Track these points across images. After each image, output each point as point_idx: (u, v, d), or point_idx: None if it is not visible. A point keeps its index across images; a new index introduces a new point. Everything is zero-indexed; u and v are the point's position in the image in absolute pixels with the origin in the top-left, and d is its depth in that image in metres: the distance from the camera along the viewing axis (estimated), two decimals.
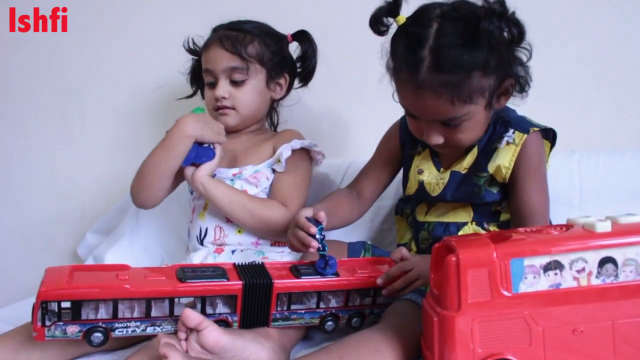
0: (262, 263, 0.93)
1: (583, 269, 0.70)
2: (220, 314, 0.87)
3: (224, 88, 1.19)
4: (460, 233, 1.03)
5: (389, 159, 1.15)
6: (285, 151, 1.16)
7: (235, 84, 1.20)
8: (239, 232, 1.16)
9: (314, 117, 1.45)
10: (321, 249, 0.91)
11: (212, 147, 1.13)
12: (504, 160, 0.98)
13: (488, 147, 1.01)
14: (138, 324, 0.84)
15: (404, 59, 0.89)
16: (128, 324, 0.84)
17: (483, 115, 0.94)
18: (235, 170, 1.19)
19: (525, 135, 0.98)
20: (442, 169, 1.05)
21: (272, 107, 1.31)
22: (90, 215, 1.54)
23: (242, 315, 0.88)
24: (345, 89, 1.44)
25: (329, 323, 0.94)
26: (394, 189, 1.28)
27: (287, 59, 1.26)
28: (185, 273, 0.87)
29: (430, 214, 1.08)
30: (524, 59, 0.93)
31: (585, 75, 1.34)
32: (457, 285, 0.69)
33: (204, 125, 1.11)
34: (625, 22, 1.34)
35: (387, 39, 0.95)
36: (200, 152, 1.12)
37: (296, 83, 1.30)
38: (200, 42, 1.26)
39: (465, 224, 1.04)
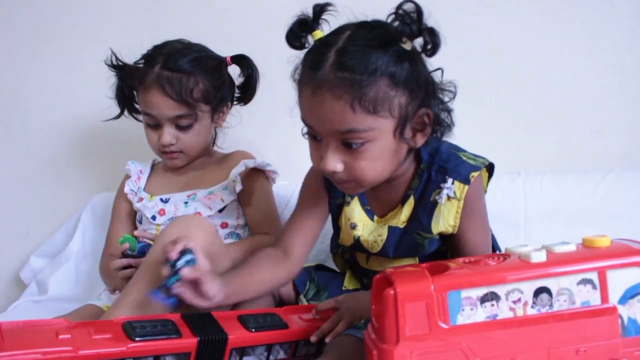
0: (210, 313, 0.90)
1: (519, 300, 0.71)
2: None
3: (170, 134, 1.15)
4: None
5: (315, 205, 1.01)
6: (239, 167, 1.17)
7: (181, 128, 1.15)
8: None
9: (260, 136, 1.43)
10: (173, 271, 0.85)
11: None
12: (448, 218, 0.92)
13: (426, 198, 0.93)
14: None
15: (309, 61, 0.83)
16: None
17: (391, 143, 0.84)
18: (189, 192, 1.19)
19: (467, 187, 0.90)
20: (376, 218, 0.97)
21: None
22: (35, 237, 1.49)
23: None
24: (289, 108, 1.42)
25: None
26: None
27: (228, 85, 1.22)
28: (135, 329, 0.81)
29: (372, 262, 1.03)
30: (446, 99, 0.87)
31: (528, 98, 1.37)
32: (395, 319, 0.69)
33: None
34: (564, 45, 1.37)
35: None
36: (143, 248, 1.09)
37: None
38: (127, 57, 1.19)
39: None
